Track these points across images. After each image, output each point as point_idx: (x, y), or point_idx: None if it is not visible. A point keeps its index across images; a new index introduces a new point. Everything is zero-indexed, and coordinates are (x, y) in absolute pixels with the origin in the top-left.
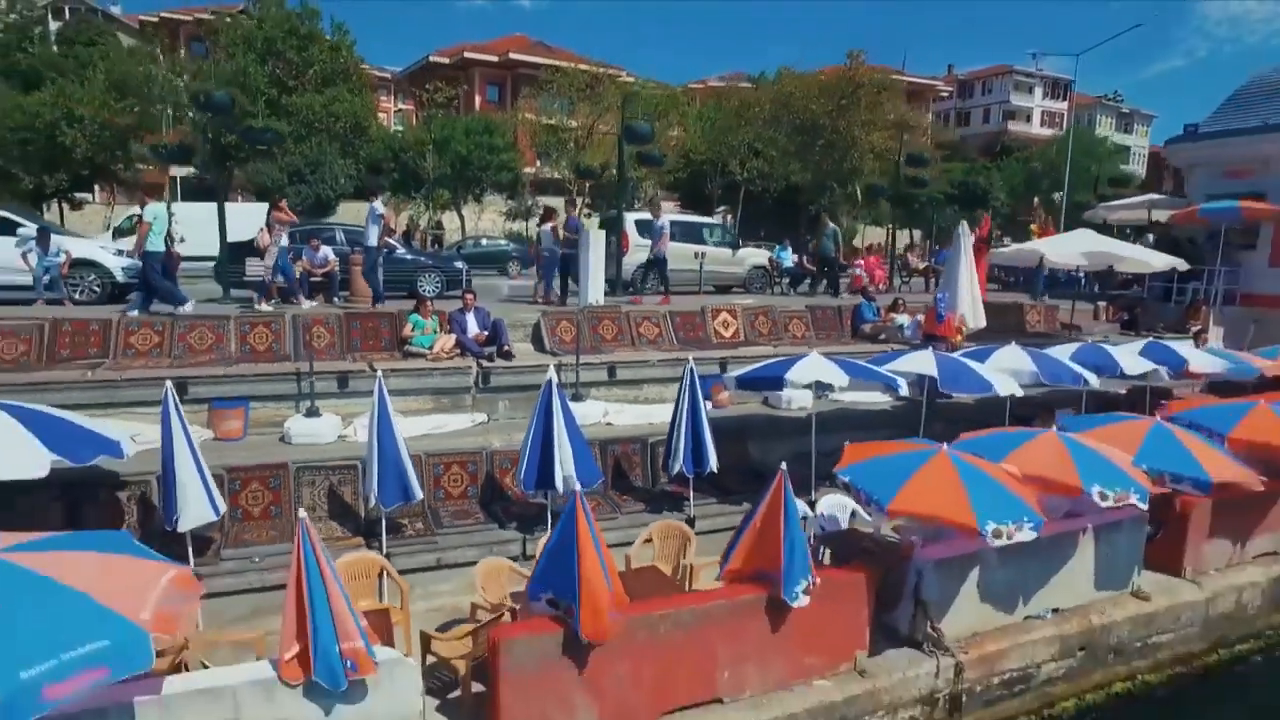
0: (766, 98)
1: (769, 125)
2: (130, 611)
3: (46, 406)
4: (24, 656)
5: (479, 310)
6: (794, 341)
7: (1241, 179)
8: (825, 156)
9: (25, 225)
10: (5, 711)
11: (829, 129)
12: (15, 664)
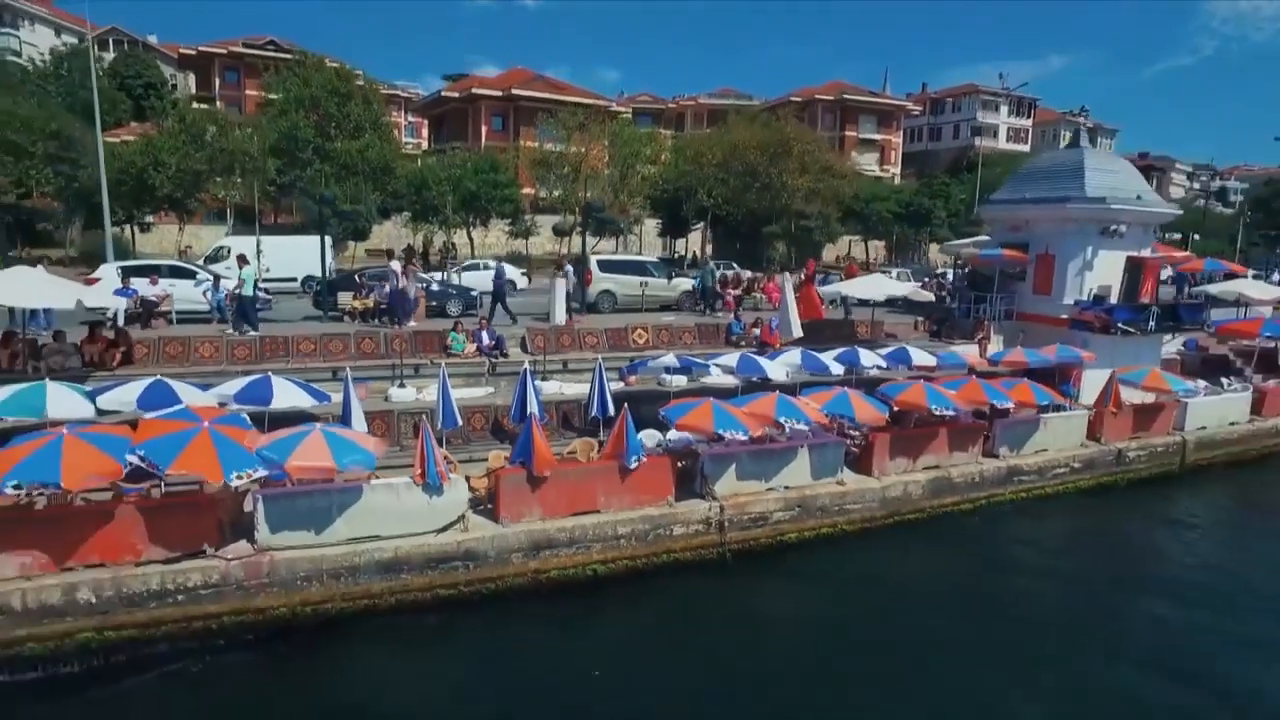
0: (719, 147)
1: (719, 169)
2: (369, 447)
3: (283, 378)
4: (352, 454)
5: (490, 330)
6: (684, 346)
7: (1017, 233)
8: (760, 196)
9: (200, 273)
10: (365, 463)
11: (764, 174)
12: (349, 454)
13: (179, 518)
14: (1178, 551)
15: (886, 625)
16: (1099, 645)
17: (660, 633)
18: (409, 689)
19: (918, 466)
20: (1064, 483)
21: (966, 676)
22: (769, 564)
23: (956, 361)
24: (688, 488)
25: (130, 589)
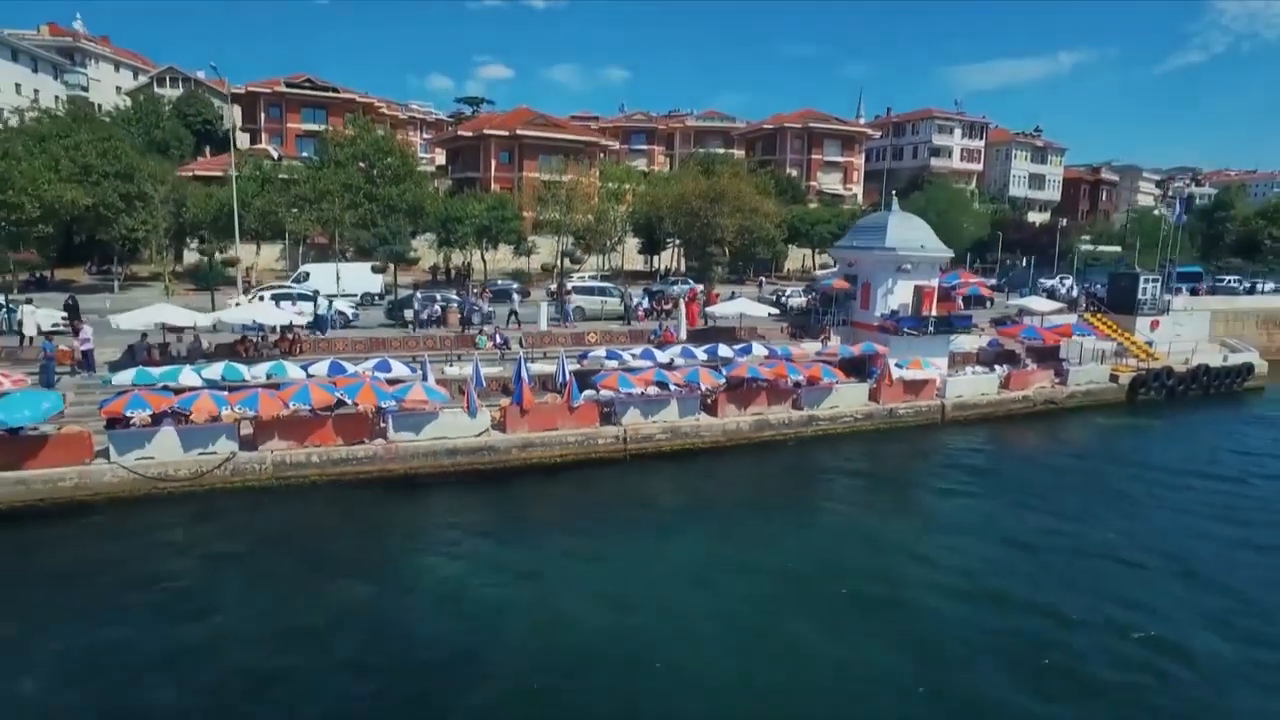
0: (669, 195)
1: (672, 210)
2: (442, 393)
3: (391, 358)
4: (435, 396)
5: (500, 333)
6: (620, 345)
7: (850, 267)
8: (702, 230)
9: (311, 299)
10: (441, 400)
11: (703, 216)
12: (434, 396)
13: (354, 424)
14: (905, 461)
15: (712, 492)
16: (854, 500)
17: (586, 493)
18: (455, 512)
19: (746, 412)
20: (850, 428)
21: (758, 515)
22: (652, 464)
23: (785, 353)
24: (607, 420)
25: (332, 457)
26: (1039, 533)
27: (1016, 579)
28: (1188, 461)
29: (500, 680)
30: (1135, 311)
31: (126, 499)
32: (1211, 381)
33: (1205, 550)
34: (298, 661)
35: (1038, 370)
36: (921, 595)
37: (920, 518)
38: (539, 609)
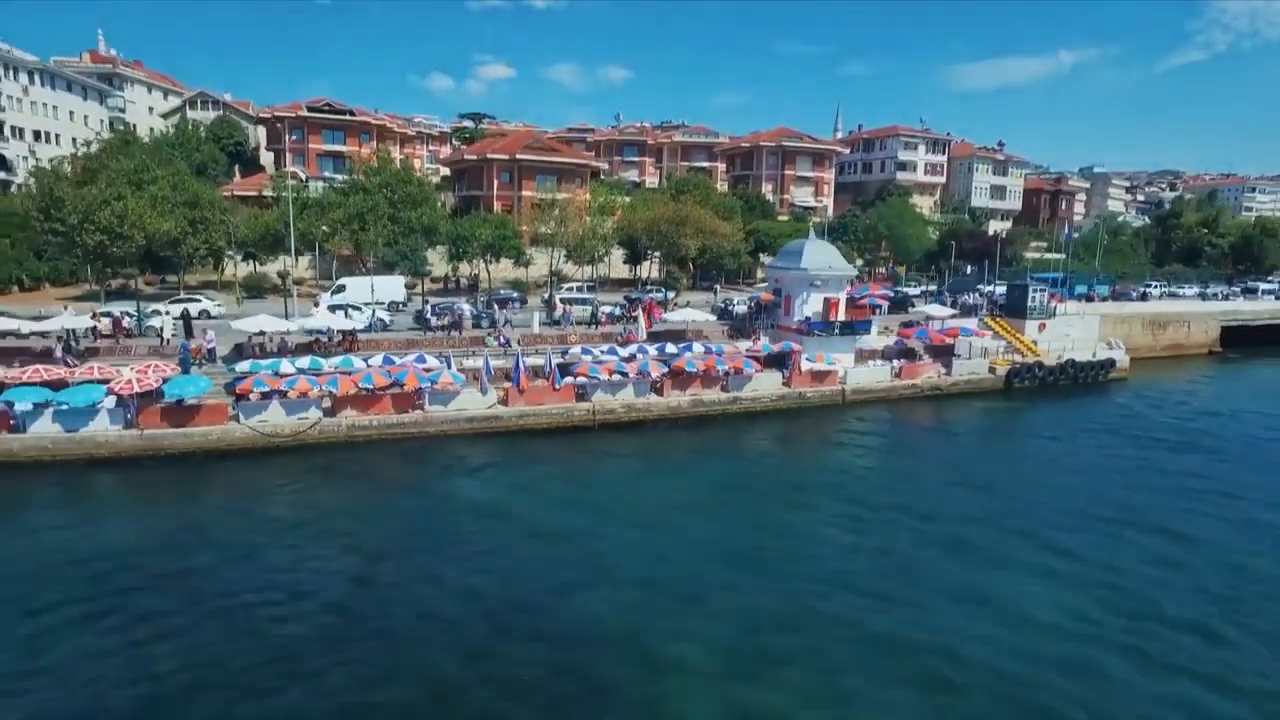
0: (642, 219)
1: (644, 231)
2: (465, 378)
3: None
4: (458, 379)
5: (504, 335)
6: (593, 344)
7: (778, 282)
8: (669, 250)
9: (360, 309)
10: (461, 383)
11: (669, 236)
12: (458, 379)
13: (402, 399)
14: (806, 429)
15: (658, 448)
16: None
17: (566, 448)
18: (473, 458)
19: (686, 394)
20: (767, 407)
21: (689, 460)
22: (614, 431)
23: (718, 350)
24: (581, 398)
25: (387, 422)
26: (888, 470)
27: (865, 490)
28: (1031, 429)
29: (497, 542)
30: (1025, 315)
31: (249, 449)
32: (1078, 374)
33: (1018, 487)
34: (375, 535)
35: (927, 363)
36: (781, 493)
37: (802, 460)
38: (528, 510)
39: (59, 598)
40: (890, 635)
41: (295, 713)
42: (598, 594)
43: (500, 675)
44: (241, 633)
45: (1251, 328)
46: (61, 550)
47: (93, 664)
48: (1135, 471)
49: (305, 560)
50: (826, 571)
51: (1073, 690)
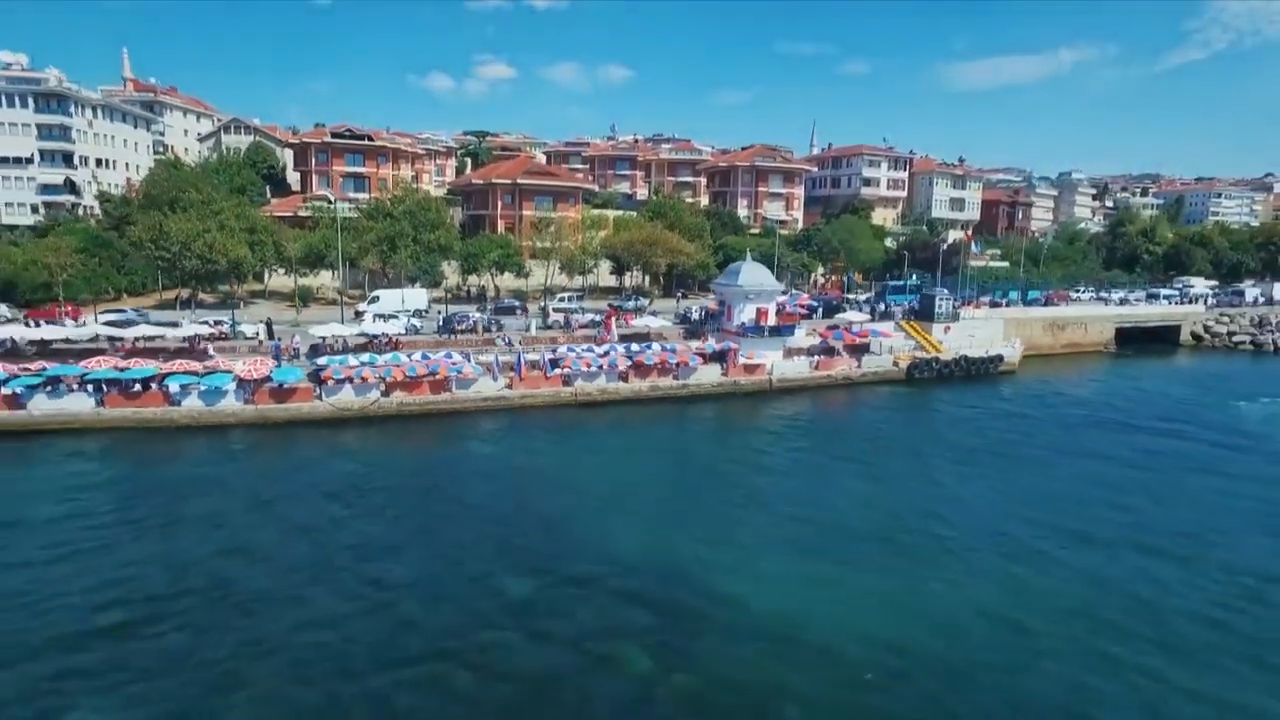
0: (621, 239)
1: (623, 250)
2: (483, 370)
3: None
4: (477, 370)
5: (507, 336)
6: (575, 343)
7: (722, 295)
8: (644, 264)
9: (396, 316)
10: (479, 373)
11: (644, 254)
12: (477, 370)
13: (437, 384)
14: (736, 408)
15: (624, 419)
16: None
17: (553, 420)
18: (489, 426)
19: (645, 381)
20: (708, 391)
21: (648, 426)
22: (591, 408)
23: (672, 349)
24: (567, 384)
25: (426, 401)
26: (791, 427)
27: (770, 441)
28: (914, 405)
29: (506, 478)
30: (933, 319)
31: (329, 420)
32: (970, 367)
33: (897, 453)
34: (422, 471)
35: (842, 359)
36: (709, 448)
37: (729, 427)
38: (527, 458)
39: (238, 502)
40: (753, 506)
41: (418, 538)
42: (575, 501)
43: (510, 541)
44: (370, 517)
45: (1143, 328)
46: (219, 478)
47: (315, 529)
48: (964, 423)
49: (380, 484)
50: (733, 489)
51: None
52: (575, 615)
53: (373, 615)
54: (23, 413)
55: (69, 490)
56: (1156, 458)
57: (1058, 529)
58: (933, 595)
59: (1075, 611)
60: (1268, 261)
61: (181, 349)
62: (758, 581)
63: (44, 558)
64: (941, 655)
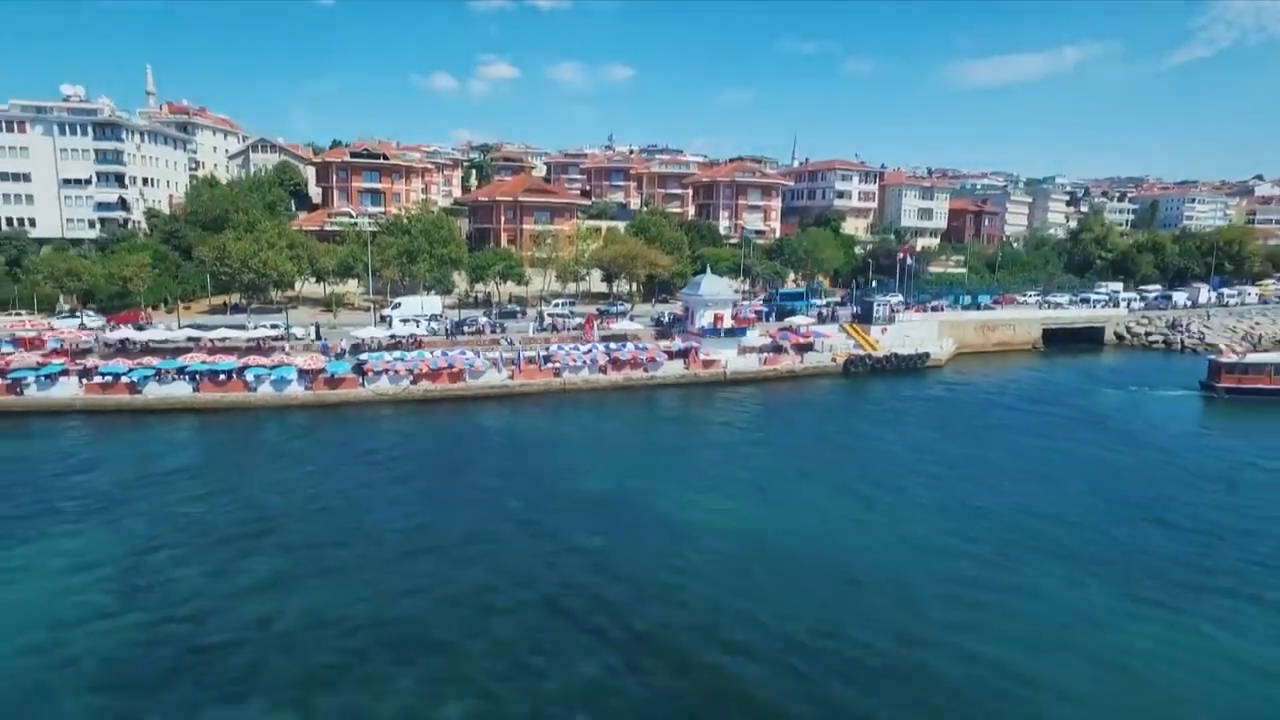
0: (607, 252)
1: (610, 261)
2: (490, 364)
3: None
4: (485, 363)
5: (510, 338)
6: (564, 343)
7: (686, 302)
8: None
9: (417, 321)
10: (488, 366)
11: (625, 266)
12: (486, 364)
13: (454, 375)
14: (696, 395)
15: (602, 403)
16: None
17: (543, 403)
18: (497, 407)
19: (620, 373)
20: (673, 382)
21: (621, 407)
22: (577, 394)
23: (643, 347)
24: (557, 375)
25: (446, 388)
26: (738, 410)
27: (721, 417)
28: (845, 395)
29: (512, 447)
30: (871, 321)
31: (370, 402)
32: (900, 363)
33: (816, 424)
34: (446, 440)
35: (788, 355)
36: (670, 425)
37: (687, 408)
38: (527, 432)
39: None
40: (693, 462)
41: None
42: (560, 459)
43: (511, 484)
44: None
45: (1069, 329)
46: (315, 443)
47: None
48: (876, 405)
49: (413, 449)
50: (680, 451)
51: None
52: (555, 523)
53: (417, 522)
54: (140, 396)
55: (184, 446)
56: (1010, 426)
57: (912, 470)
58: (809, 510)
59: (904, 514)
60: (1216, 266)
61: (250, 347)
62: (684, 506)
63: (191, 493)
64: (796, 543)
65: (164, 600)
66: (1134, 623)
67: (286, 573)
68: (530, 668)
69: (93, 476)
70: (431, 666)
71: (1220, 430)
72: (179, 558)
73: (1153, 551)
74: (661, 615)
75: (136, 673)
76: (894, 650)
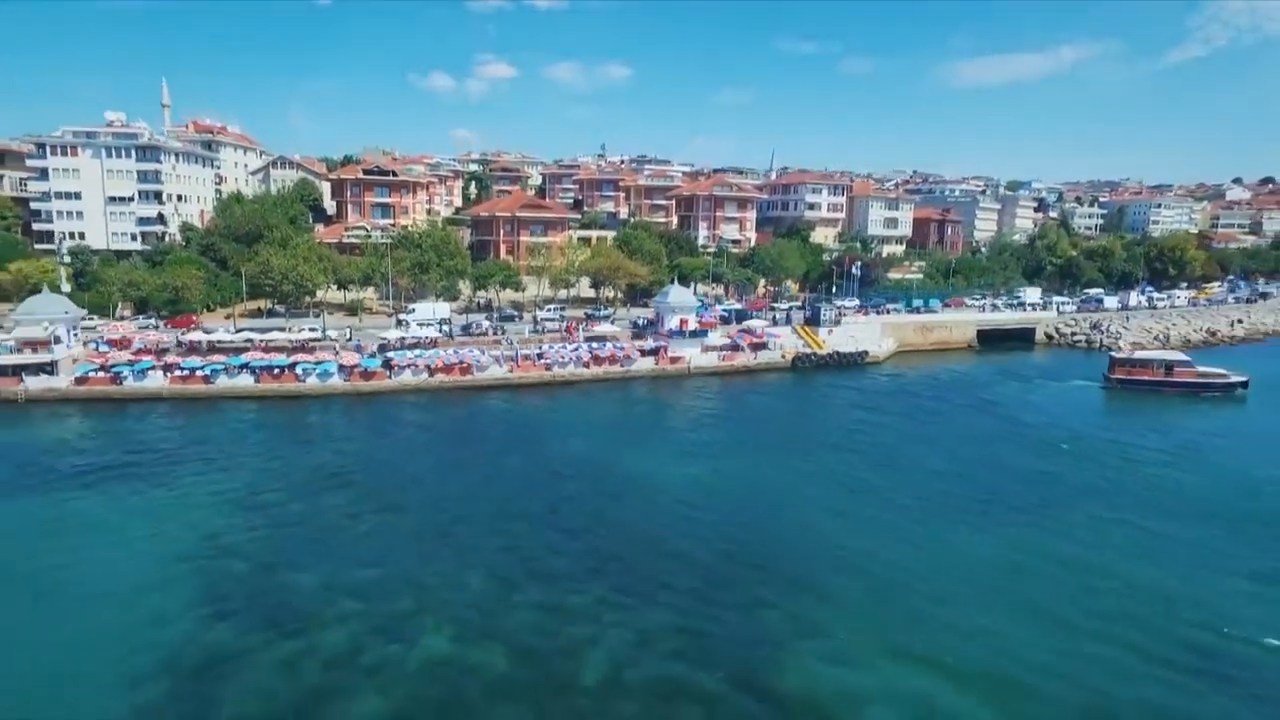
0: (593, 262)
1: (594, 271)
2: (496, 360)
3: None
4: (492, 359)
5: (510, 339)
6: (554, 342)
7: (658, 310)
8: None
9: (431, 323)
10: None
11: (609, 276)
12: (492, 360)
13: (464, 369)
14: (662, 385)
15: (587, 390)
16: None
17: (536, 393)
18: (501, 396)
19: (601, 367)
20: (644, 375)
21: (602, 394)
22: (565, 385)
23: (620, 346)
24: (548, 369)
25: (457, 379)
26: (697, 395)
27: (685, 401)
28: (790, 384)
29: (513, 425)
30: (819, 324)
31: (396, 391)
32: (842, 360)
33: (758, 407)
34: (461, 418)
35: (744, 353)
36: (643, 407)
37: (656, 394)
38: (526, 414)
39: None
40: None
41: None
42: (550, 433)
43: (510, 451)
44: (431, 442)
45: (1002, 330)
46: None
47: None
48: (814, 393)
49: (434, 427)
50: (648, 427)
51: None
52: (547, 473)
53: (444, 473)
54: (213, 386)
55: (254, 425)
56: (922, 409)
57: (829, 438)
58: (742, 464)
59: (813, 476)
60: (1160, 271)
61: (296, 347)
62: (646, 462)
63: (272, 455)
64: (728, 482)
65: (279, 518)
66: (946, 523)
67: (357, 501)
68: (534, 538)
69: (197, 446)
70: (467, 541)
71: (1096, 412)
72: (279, 495)
73: (980, 486)
74: (625, 517)
75: (275, 551)
76: (792, 537)
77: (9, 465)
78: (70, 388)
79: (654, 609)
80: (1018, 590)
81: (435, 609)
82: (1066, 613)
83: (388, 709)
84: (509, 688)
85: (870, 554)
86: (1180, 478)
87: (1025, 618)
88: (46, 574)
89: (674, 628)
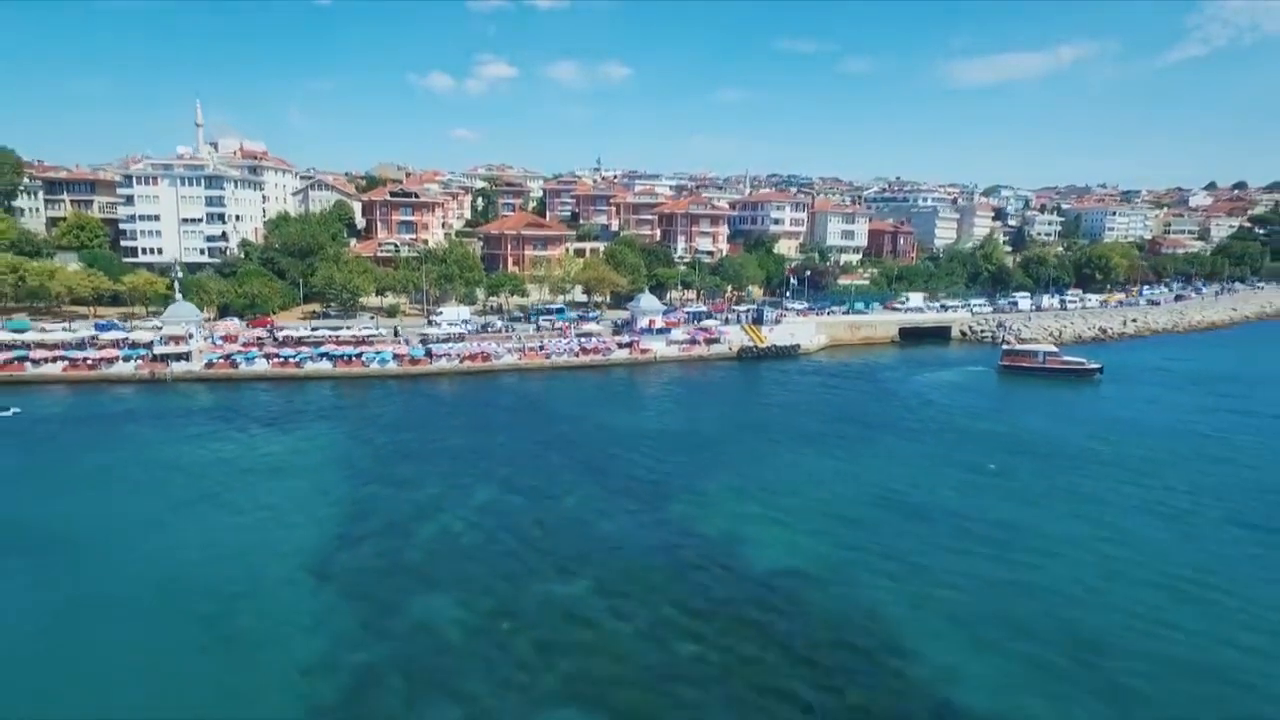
0: (587, 269)
1: (585, 281)
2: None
3: (491, 342)
4: (506, 349)
5: (515, 335)
6: (552, 338)
7: (631, 313)
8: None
9: (456, 323)
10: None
11: (600, 283)
12: (505, 349)
13: (484, 358)
14: (633, 373)
15: (577, 373)
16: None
17: (539, 375)
18: (510, 378)
19: (588, 357)
20: (620, 363)
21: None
22: (562, 370)
23: (603, 340)
24: (548, 358)
25: (480, 367)
26: (659, 379)
27: (649, 385)
28: (735, 371)
29: (524, 399)
30: (762, 323)
31: (435, 374)
32: (778, 352)
33: (708, 388)
34: (487, 394)
35: (700, 346)
36: (618, 386)
37: (628, 378)
38: (535, 390)
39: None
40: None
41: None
42: (550, 403)
43: (522, 418)
44: (464, 412)
45: (922, 328)
46: (431, 402)
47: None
48: (753, 377)
49: (465, 400)
50: (624, 399)
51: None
52: (547, 427)
53: (474, 429)
54: (301, 370)
55: (338, 397)
56: (820, 386)
57: (741, 405)
58: (687, 418)
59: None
60: (1089, 276)
61: (360, 340)
62: (618, 418)
63: (359, 418)
64: (675, 432)
65: (387, 466)
66: (823, 458)
67: (422, 440)
68: (538, 456)
69: (304, 410)
70: (500, 455)
71: (976, 390)
72: (370, 434)
73: (835, 429)
74: (599, 444)
75: (381, 463)
76: (703, 454)
77: (174, 423)
78: (202, 370)
79: (612, 478)
80: (823, 481)
81: (482, 481)
82: (849, 491)
83: (479, 504)
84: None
85: (750, 458)
86: (980, 426)
87: (823, 489)
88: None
89: (625, 489)
